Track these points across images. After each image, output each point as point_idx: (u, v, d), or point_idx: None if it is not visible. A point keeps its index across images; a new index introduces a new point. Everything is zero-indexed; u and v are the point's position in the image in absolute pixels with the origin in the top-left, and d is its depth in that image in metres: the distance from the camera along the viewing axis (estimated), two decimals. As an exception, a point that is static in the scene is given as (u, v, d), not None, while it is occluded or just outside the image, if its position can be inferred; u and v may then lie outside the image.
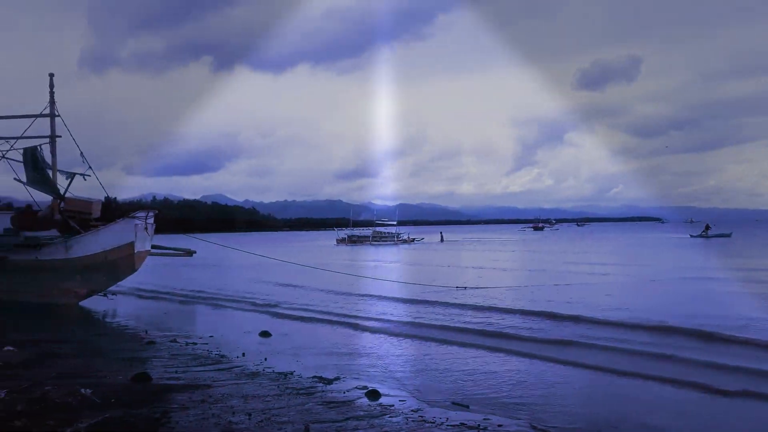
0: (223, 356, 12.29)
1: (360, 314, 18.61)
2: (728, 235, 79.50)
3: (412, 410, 8.53)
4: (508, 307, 18.71)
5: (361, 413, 8.25)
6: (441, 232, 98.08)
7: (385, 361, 12.18)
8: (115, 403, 8.21)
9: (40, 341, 13.54)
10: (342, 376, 10.66)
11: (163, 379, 9.95)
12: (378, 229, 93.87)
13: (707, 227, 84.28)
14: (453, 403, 8.95)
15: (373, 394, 9.26)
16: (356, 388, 9.76)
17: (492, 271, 35.70)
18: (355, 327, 16.50)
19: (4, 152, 21.88)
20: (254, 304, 21.66)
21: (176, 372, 10.59)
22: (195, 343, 13.83)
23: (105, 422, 7.25)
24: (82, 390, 8.61)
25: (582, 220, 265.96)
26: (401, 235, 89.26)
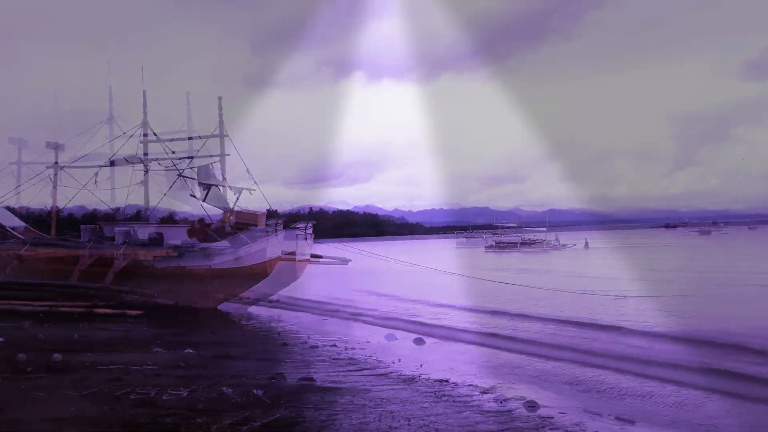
0: (380, 361, 12.66)
1: (510, 330, 18.13)
2: None
3: (573, 423, 8.29)
4: (669, 332, 16.77)
5: (520, 424, 8.15)
6: (585, 239, 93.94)
7: (541, 376, 11.91)
8: (284, 403, 8.72)
9: (215, 343, 14.70)
10: (498, 386, 10.59)
11: (326, 381, 10.43)
12: (527, 235, 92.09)
13: None
14: (616, 418, 8.59)
15: (532, 405, 9.11)
16: (513, 398, 9.65)
17: (648, 281, 33.59)
18: (505, 344, 16.10)
19: (181, 171, 24.09)
20: (404, 313, 22.07)
21: (337, 375, 11.06)
22: (353, 348, 14.36)
23: (276, 422, 7.72)
24: (255, 390, 9.23)
25: (755, 222, 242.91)
26: (551, 241, 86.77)
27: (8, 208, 26.90)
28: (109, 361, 11.79)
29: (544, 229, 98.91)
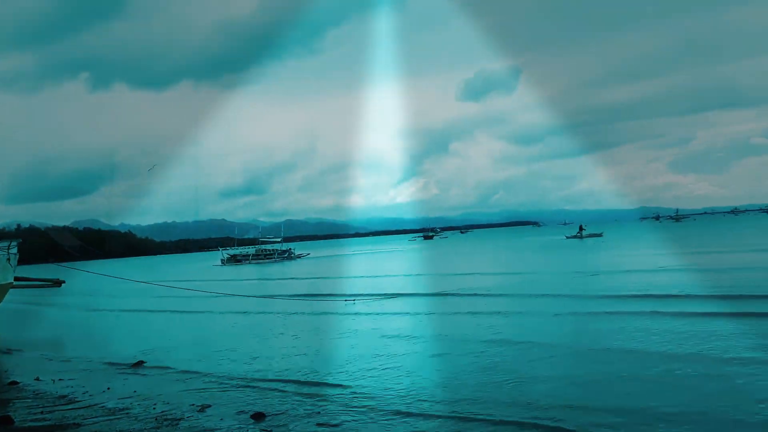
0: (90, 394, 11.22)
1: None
2: (600, 235, 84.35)
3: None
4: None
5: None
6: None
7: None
8: None
9: None
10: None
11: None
12: (262, 246, 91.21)
13: (581, 228, 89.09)
14: None
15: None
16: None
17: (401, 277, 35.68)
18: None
19: None
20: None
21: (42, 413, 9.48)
22: (61, 380, 12.53)
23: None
24: None
25: (465, 227, 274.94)
26: (291, 252, 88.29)
27: None
28: None
29: (279, 239, 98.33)
